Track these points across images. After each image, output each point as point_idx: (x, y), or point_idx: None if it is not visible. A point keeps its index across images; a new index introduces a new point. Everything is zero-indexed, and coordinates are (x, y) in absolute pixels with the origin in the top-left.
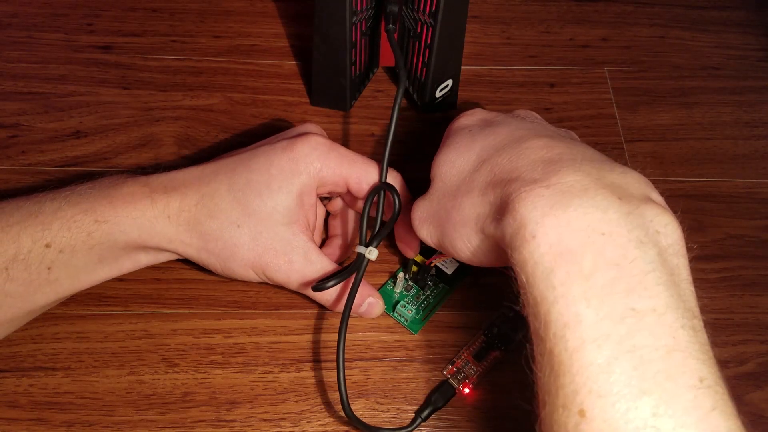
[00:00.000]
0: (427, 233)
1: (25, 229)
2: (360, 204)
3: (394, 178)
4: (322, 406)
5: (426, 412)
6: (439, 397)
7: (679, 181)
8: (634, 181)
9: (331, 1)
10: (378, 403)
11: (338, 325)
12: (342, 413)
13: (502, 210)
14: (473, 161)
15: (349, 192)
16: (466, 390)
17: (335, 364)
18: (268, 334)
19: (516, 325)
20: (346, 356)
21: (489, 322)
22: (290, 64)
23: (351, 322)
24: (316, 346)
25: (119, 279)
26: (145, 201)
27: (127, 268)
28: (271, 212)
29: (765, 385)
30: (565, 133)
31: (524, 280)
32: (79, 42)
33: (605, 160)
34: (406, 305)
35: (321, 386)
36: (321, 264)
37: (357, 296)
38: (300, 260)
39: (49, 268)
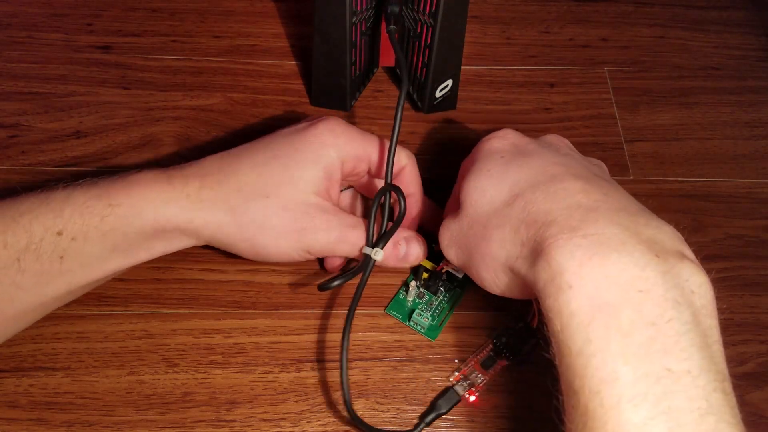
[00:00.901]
0: (454, 255)
1: (37, 218)
2: (375, 187)
3: (407, 156)
4: (322, 406)
5: (430, 417)
6: (443, 403)
7: (679, 181)
8: (668, 238)
9: (331, 1)
10: (378, 403)
11: (339, 325)
12: (343, 413)
13: (535, 253)
14: (506, 193)
15: (368, 172)
16: (472, 398)
17: (335, 363)
18: (268, 334)
19: (524, 336)
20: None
21: (498, 332)
22: (290, 64)
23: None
24: (316, 346)
25: (119, 279)
26: (162, 183)
27: (141, 258)
28: (298, 182)
29: (765, 385)
30: (597, 168)
31: (557, 328)
32: (79, 42)
33: (641, 212)
34: (422, 313)
35: (321, 386)
36: (357, 224)
37: (392, 237)
38: (336, 220)
39: (61, 257)
